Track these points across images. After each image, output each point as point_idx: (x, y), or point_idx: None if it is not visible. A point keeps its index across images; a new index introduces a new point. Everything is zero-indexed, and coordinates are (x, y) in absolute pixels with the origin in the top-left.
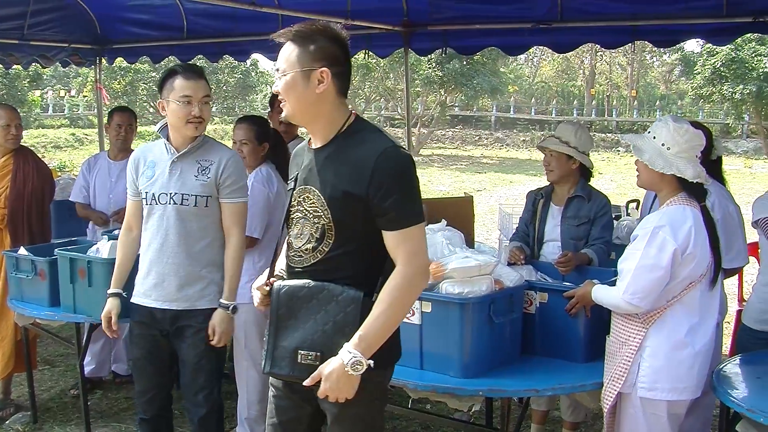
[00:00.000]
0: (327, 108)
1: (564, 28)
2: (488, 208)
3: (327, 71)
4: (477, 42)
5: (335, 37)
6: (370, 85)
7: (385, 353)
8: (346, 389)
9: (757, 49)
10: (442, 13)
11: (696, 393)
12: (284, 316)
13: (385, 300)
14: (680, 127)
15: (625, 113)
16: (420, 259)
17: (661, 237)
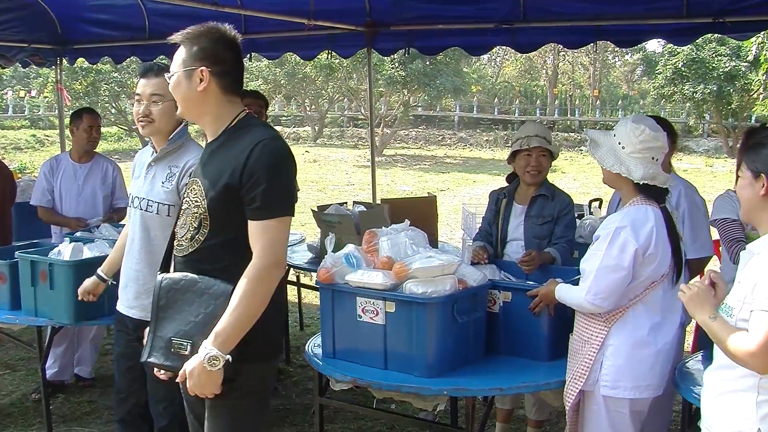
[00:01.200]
0: (211, 105)
1: (526, 28)
2: (452, 207)
3: (206, 71)
4: (440, 42)
5: (220, 38)
6: (333, 85)
7: (255, 347)
8: (208, 385)
9: (718, 49)
10: (405, 14)
11: (658, 391)
12: (163, 307)
13: (237, 294)
14: (637, 127)
15: (588, 113)
16: (275, 253)
17: (622, 237)
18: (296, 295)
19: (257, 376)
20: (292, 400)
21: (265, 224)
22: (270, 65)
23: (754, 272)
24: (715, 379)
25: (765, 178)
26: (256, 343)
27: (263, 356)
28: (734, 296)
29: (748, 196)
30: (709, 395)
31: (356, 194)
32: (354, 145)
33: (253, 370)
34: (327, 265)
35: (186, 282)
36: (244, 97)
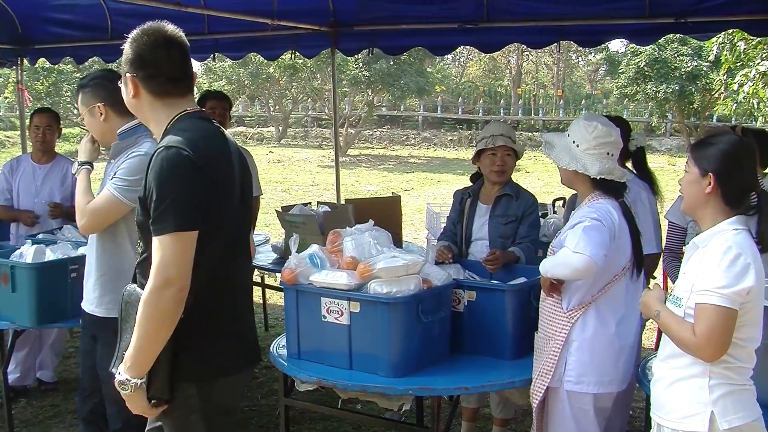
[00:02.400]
0: (146, 111)
1: (490, 29)
2: (416, 207)
3: (131, 77)
4: (404, 42)
5: (148, 40)
6: (297, 85)
7: (189, 366)
8: (134, 406)
9: (680, 49)
10: (368, 14)
11: (622, 385)
12: (123, 319)
13: (138, 316)
14: (589, 124)
15: (552, 112)
16: (164, 272)
17: (594, 220)
18: (261, 296)
19: (200, 394)
20: (258, 402)
21: (157, 240)
22: (233, 65)
23: (699, 264)
24: (666, 368)
25: (712, 177)
26: (189, 362)
27: (201, 374)
28: (681, 287)
29: (693, 192)
30: (662, 384)
31: (320, 194)
32: (318, 146)
33: (192, 389)
34: (291, 265)
35: (134, 296)
36: (208, 99)
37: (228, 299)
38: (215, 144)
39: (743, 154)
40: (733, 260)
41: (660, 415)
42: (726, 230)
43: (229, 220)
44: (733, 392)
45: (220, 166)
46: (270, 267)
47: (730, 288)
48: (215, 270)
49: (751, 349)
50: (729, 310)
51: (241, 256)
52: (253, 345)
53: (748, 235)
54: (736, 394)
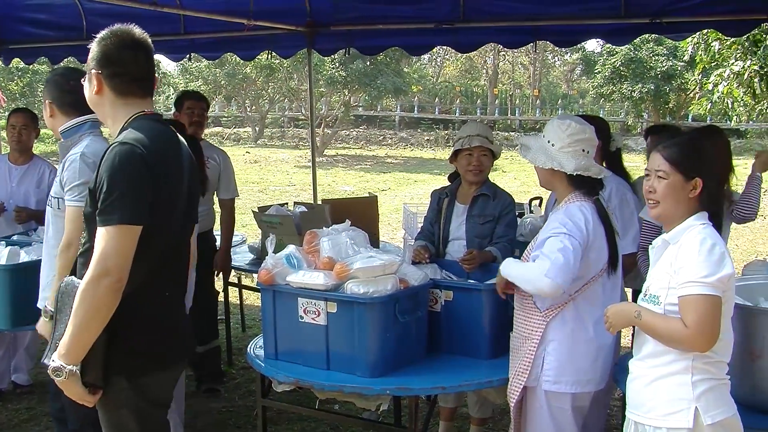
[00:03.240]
0: (107, 108)
1: (466, 29)
2: (393, 207)
3: (97, 73)
4: (380, 42)
5: (116, 40)
6: (273, 85)
7: (120, 359)
8: (69, 392)
9: (655, 49)
10: (345, 14)
11: (600, 385)
12: (58, 310)
13: (75, 303)
14: (563, 123)
15: (528, 112)
16: (104, 263)
17: (568, 229)
18: (238, 297)
19: (132, 389)
20: (235, 403)
21: (101, 231)
22: (210, 66)
23: (675, 259)
24: (643, 367)
25: (700, 181)
26: (121, 355)
27: (134, 369)
28: (657, 285)
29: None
30: (640, 383)
31: (297, 195)
32: (295, 146)
33: (124, 383)
34: (268, 266)
35: (70, 286)
36: (186, 99)
37: (165, 296)
38: (167, 146)
39: (720, 152)
40: (710, 249)
41: (639, 414)
42: (695, 225)
43: (173, 220)
44: (714, 387)
45: (169, 168)
46: (247, 268)
47: (713, 276)
48: (155, 267)
49: (728, 342)
50: (715, 298)
51: (182, 255)
52: (186, 339)
53: (714, 228)
54: (716, 389)
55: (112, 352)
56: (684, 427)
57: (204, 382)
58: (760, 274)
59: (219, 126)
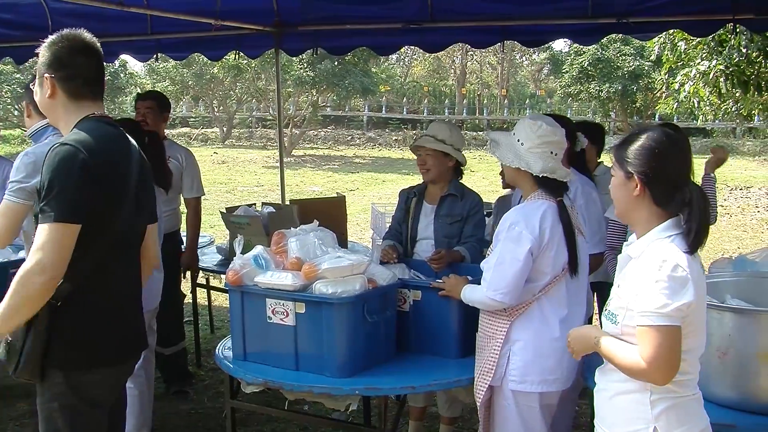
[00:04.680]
0: (59, 111)
1: (434, 29)
2: (361, 207)
3: (50, 77)
4: (348, 42)
5: (67, 45)
6: (241, 86)
7: (59, 353)
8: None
9: (622, 49)
10: (313, 14)
11: (566, 384)
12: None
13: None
14: (534, 123)
15: (496, 112)
16: (39, 258)
17: (516, 232)
18: (206, 298)
19: (67, 383)
20: (204, 404)
21: (40, 228)
22: (177, 66)
23: (634, 280)
24: (606, 381)
25: (637, 178)
26: (60, 348)
27: (69, 363)
28: (616, 303)
29: (622, 197)
30: (603, 396)
31: (265, 195)
32: (263, 146)
33: (60, 377)
34: (236, 266)
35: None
36: (141, 99)
37: (109, 295)
38: (113, 148)
39: (666, 148)
40: (669, 275)
41: (603, 428)
42: (659, 238)
43: (119, 219)
44: (676, 405)
45: (113, 169)
46: (215, 268)
47: (670, 306)
48: (99, 266)
49: (694, 359)
50: (671, 329)
51: (131, 254)
52: (134, 339)
53: (682, 239)
54: (679, 407)
55: (51, 344)
56: None
57: (172, 384)
58: (726, 271)
59: (186, 126)
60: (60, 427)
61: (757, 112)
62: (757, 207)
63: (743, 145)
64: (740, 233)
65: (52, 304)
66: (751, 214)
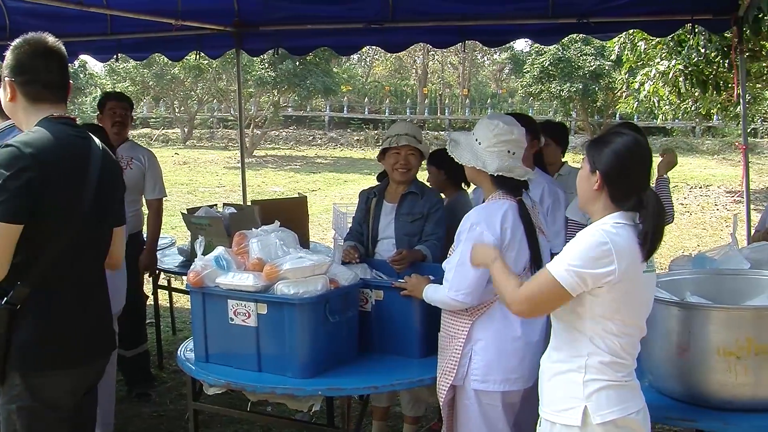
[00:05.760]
0: (20, 114)
1: (395, 28)
2: (323, 207)
3: (10, 81)
4: (309, 42)
5: (29, 48)
6: (202, 86)
7: (13, 355)
8: None
9: (583, 48)
10: (274, 14)
11: (528, 382)
12: None
13: None
14: (491, 123)
15: (458, 111)
16: None
17: (478, 232)
18: (168, 300)
19: (24, 386)
20: (167, 407)
21: None
22: (137, 66)
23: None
24: (546, 362)
25: (599, 175)
26: (18, 351)
27: (28, 366)
28: None
29: (584, 188)
30: (544, 377)
31: (227, 196)
32: (224, 147)
33: (18, 379)
34: (197, 268)
35: None
36: (108, 100)
37: (69, 297)
38: (67, 149)
39: (632, 155)
40: (595, 245)
41: (542, 407)
42: (606, 222)
43: (73, 220)
44: (608, 387)
45: (64, 170)
46: (176, 270)
47: (576, 267)
48: (57, 268)
49: (629, 345)
50: (560, 288)
51: (90, 256)
52: (97, 343)
53: (630, 231)
54: (611, 390)
55: (11, 347)
56: (574, 424)
57: (134, 386)
58: (686, 269)
59: (147, 127)
60: (18, 430)
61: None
62: (716, 205)
63: (702, 144)
64: (700, 231)
65: (11, 308)
66: (710, 212)
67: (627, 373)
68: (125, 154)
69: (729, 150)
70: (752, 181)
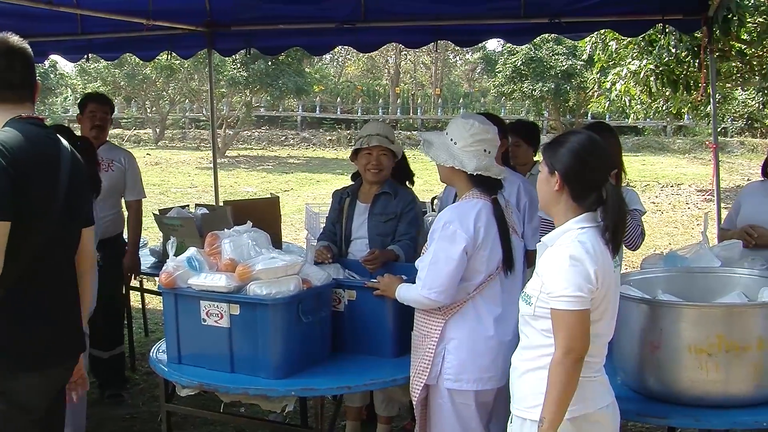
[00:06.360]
0: None
1: (367, 28)
2: (295, 207)
3: None
4: (281, 42)
5: None
6: (174, 86)
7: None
8: None
9: (555, 48)
10: (245, 14)
11: (501, 381)
12: None
13: None
14: (467, 122)
15: (430, 111)
16: None
17: (451, 230)
18: (140, 301)
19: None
20: (139, 409)
21: None
22: (108, 66)
23: (546, 264)
24: (517, 359)
25: (558, 176)
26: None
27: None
28: (532, 285)
29: (544, 191)
30: (514, 375)
31: (199, 197)
32: (196, 147)
33: None
34: (169, 269)
35: None
36: (89, 102)
37: (39, 299)
38: (39, 149)
39: (587, 152)
40: (576, 262)
41: (514, 404)
42: (572, 229)
43: (45, 221)
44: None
45: (35, 169)
46: (148, 271)
47: (579, 290)
48: (27, 270)
49: (599, 344)
50: (580, 313)
51: (64, 260)
52: (66, 345)
53: (595, 232)
54: (580, 386)
55: None
56: None
57: (108, 388)
58: (658, 267)
59: (119, 128)
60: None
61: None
62: (688, 204)
63: (673, 143)
64: (671, 229)
65: None
66: (681, 210)
67: (596, 370)
68: (105, 156)
69: (700, 149)
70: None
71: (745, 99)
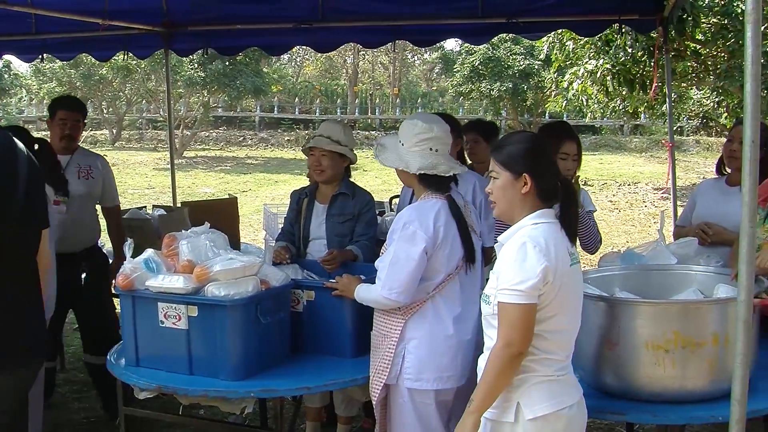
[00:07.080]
0: None
1: (325, 28)
2: (254, 208)
3: None
4: (239, 42)
5: None
6: (131, 87)
7: None
8: None
9: (512, 48)
10: (203, 14)
11: (461, 380)
12: None
13: None
14: (411, 123)
15: (388, 111)
16: None
17: (411, 231)
18: None
19: None
20: (97, 412)
21: None
22: (64, 66)
23: (500, 260)
24: (482, 360)
25: (527, 176)
26: None
27: None
28: (490, 285)
29: (509, 197)
30: (479, 376)
31: (157, 198)
32: (153, 148)
33: None
34: (126, 271)
35: None
36: (58, 109)
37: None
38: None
39: (542, 145)
40: (524, 256)
41: None
42: (526, 225)
43: (6, 223)
44: (540, 383)
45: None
46: None
47: (525, 284)
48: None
49: (560, 340)
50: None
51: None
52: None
53: (549, 228)
54: (542, 386)
55: None
56: (507, 420)
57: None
58: (615, 265)
59: None
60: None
61: (642, 110)
62: (645, 202)
63: (630, 142)
64: (629, 228)
65: None
66: (639, 208)
67: (560, 368)
68: (82, 163)
69: (656, 148)
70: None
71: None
